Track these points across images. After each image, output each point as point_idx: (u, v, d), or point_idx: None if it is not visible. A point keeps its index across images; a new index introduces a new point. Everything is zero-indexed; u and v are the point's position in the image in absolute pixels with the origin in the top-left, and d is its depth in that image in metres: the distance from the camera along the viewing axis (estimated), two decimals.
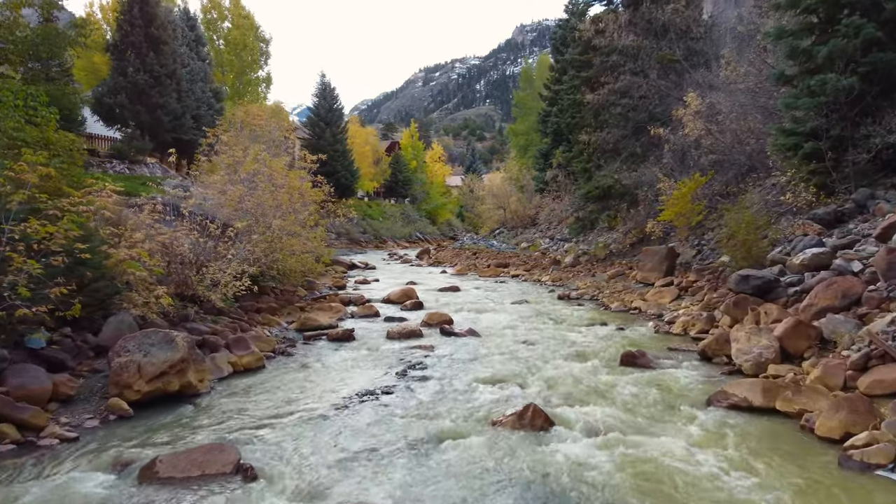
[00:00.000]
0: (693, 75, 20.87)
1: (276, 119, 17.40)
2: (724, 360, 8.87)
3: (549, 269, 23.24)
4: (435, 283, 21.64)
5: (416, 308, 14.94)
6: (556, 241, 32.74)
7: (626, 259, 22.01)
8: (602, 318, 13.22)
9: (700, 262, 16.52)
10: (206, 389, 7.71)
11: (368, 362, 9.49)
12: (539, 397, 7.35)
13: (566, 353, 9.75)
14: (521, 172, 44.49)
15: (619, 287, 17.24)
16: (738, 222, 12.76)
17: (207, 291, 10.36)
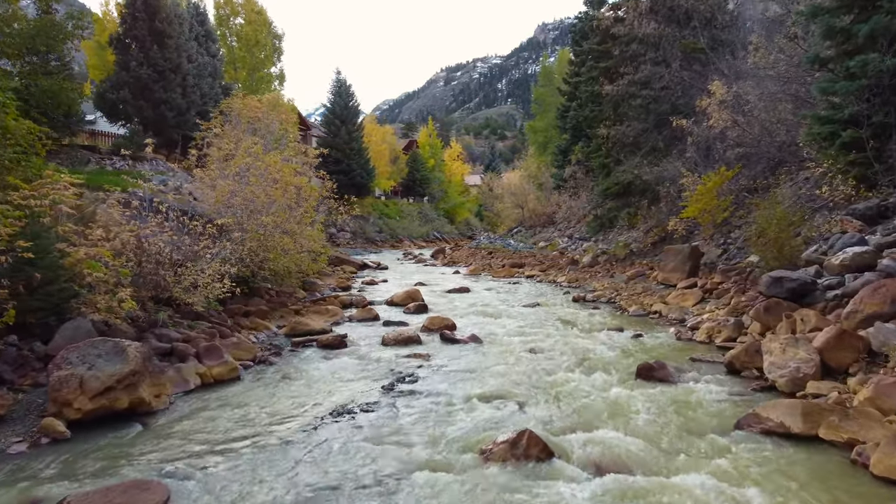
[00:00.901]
0: (718, 65, 19.70)
1: (276, 112, 16.58)
2: (755, 373, 7.80)
3: (566, 270, 22.17)
4: (446, 283, 20.69)
5: (420, 311, 14.00)
6: (574, 240, 31.63)
7: (647, 259, 20.89)
8: (618, 322, 12.16)
9: (726, 263, 15.38)
10: (164, 406, 6.82)
11: (355, 373, 8.56)
12: (539, 419, 6.36)
13: (576, 363, 8.73)
14: (539, 170, 43.37)
15: (638, 289, 16.14)
16: (769, 219, 11.65)
17: (185, 294, 9.50)
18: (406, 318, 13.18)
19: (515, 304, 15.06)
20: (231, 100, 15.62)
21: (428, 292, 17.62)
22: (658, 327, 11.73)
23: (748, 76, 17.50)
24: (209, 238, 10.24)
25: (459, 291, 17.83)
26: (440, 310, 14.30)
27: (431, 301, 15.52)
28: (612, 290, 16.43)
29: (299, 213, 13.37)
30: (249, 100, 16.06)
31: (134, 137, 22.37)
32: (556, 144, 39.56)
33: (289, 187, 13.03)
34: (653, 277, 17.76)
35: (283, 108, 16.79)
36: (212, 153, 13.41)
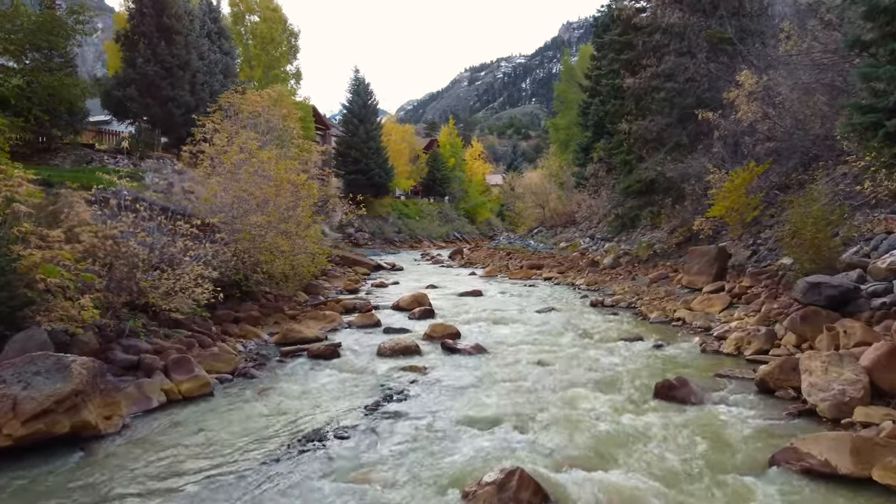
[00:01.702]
0: (747, 55, 18.57)
1: (279, 107, 15.84)
2: (791, 393, 6.83)
3: (585, 272, 21.17)
4: (459, 286, 19.83)
5: (426, 316, 13.15)
6: (596, 240, 30.56)
7: (672, 260, 19.82)
8: (638, 331, 11.20)
9: (756, 265, 14.32)
10: (114, 429, 6.04)
11: (342, 389, 7.74)
12: (537, 450, 5.48)
13: (587, 379, 7.81)
14: (561, 168, 42.27)
15: (660, 293, 15.13)
16: (804, 217, 10.61)
17: (163, 300, 8.75)
18: (410, 324, 12.33)
19: (528, 309, 14.14)
20: (230, 94, 14.88)
21: (438, 296, 16.79)
22: (681, 336, 10.74)
23: (779, 65, 16.36)
24: (190, 238, 9.47)
25: (471, 295, 16.96)
26: (448, 315, 13.46)
27: (440, 305, 14.67)
28: (633, 294, 15.43)
29: (297, 212, 12.57)
30: (250, 94, 15.33)
31: (140, 136, 21.85)
32: (578, 142, 38.47)
33: (284, 185, 12.25)
34: (676, 280, 16.74)
35: (286, 103, 16.00)
36: (205, 149, 12.68)
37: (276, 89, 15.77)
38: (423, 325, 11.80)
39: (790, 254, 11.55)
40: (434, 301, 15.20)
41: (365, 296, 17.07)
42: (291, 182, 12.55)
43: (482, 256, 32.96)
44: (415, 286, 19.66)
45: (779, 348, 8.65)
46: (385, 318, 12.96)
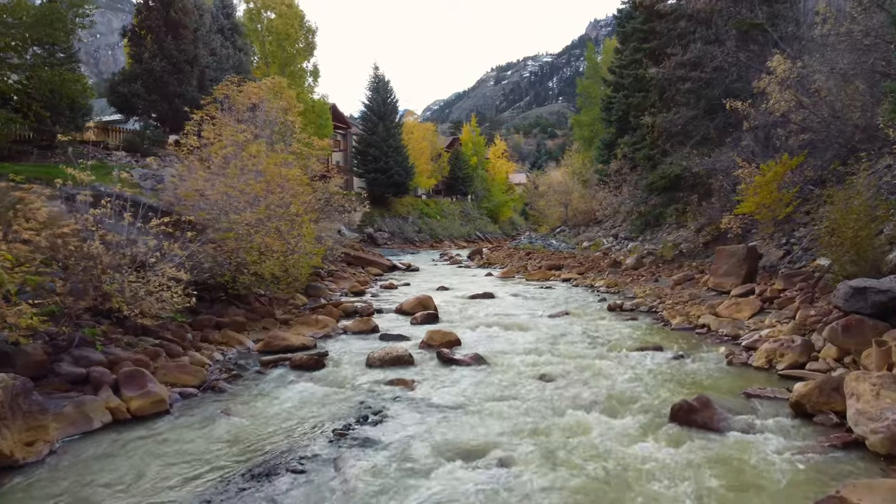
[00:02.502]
0: (780, 43, 17.32)
1: (279, 99, 15.05)
2: (833, 419, 5.79)
3: (606, 273, 20.08)
4: (472, 287, 18.90)
5: (428, 321, 12.24)
6: (620, 239, 29.40)
7: (698, 261, 18.66)
8: (657, 339, 10.16)
9: (789, 266, 13.20)
10: (36, 457, 5.23)
11: (315, 407, 6.86)
12: (526, 493, 4.53)
13: (594, 398, 6.83)
14: (584, 166, 41.05)
15: (684, 296, 14.03)
16: (845, 214, 9.49)
17: (129, 304, 7.95)
18: (410, 330, 11.42)
19: (540, 314, 13.15)
20: (224, 85, 14.11)
21: (447, 298, 15.90)
22: (705, 346, 9.67)
23: (814, 50, 15.13)
24: (164, 237, 8.67)
25: (482, 297, 16.01)
26: (453, 320, 12.54)
27: (446, 309, 13.77)
28: (655, 297, 14.35)
29: (289, 210, 11.72)
30: (248, 85, 14.54)
31: (145, 132, 21.28)
32: (601, 138, 37.26)
33: (274, 180, 11.41)
34: (702, 282, 15.61)
35: (287, 94, 15.20)
36: (191, 142, 11.91)
37: (274, 80, 14.93)
38: (422, 332, 10.85)
39: (828, 254, 10.44)
40: (441, 304, 14.31)
41: (370, 298, 16.23)
42: (284, 177, 11.72)
43: (501, 256, 31.96)
44: (426, 288, 18.78)
45: (816, 362, 7.57)
46: (385, 323, 12.09)
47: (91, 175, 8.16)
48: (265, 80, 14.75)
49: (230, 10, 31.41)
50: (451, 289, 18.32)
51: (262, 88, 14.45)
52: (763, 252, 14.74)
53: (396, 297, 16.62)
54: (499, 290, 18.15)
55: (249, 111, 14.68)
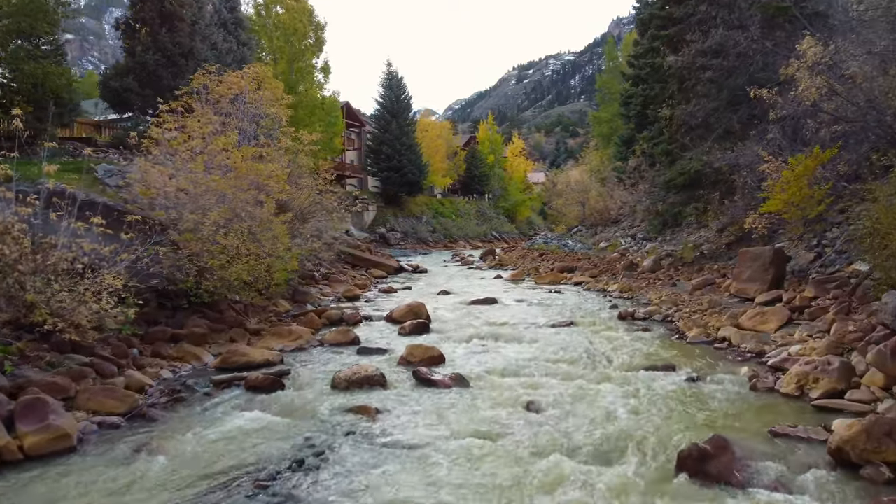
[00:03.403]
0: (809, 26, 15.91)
1: (263, 90, 13.97)
2: (886, 474, 4.55)
3: (620, 276, 18.78)
4: (476, 291, 17.76)
5: (418, 332, 11.10)
6: (638, 240, 28.00)
7: (721, 263, 17.31)
8: (670, 355, 8.94)
9: (821, 271, 11.87)
10: None
11: (254, 443, 5.76)
12: None
13: (586, 438, 5.64)
14: (602, 163, 39.62)
15: (703, 303, 12.74)
16: (890, 211, 8.17)
17: (53, 316, 6.91)
18: (395, 341, 10.30)
19: (543, 323, 11.94)
20: (201, 75, 13.06)
21: (447, 304, 14.77)
22: (725, 365, 8.40)
23: (849, 32, 13.74)
24: (102, 240, 7.62)
25: (484, 303, 14.83)
26: (446, 329, 11.40)
27: (442, 317, 12.64)
28: (671, 305, 13.06)
29: (262, 210, 10.62)
30: (228, 75, 13.48)
31: (137, 128, 20.37)
32: (619, 134, 35.84)
33: (246, 175, 10.32)
34: (724, 287, 14.31)
35: (272, 85, 14.12)
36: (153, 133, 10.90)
37: (258, 68, 13.87)
38: (407, 343, 9.73)
39: (868, 258, 9.14)
40: (438, 311, 13.21)
41: (364, 304, 15.15)
42: (258, 173, 10.64)
43: (514, 258, 30.73)
44: (428, 292, 17.67)
45: (858, 390, 6.32)
46: (370, 333, 11.01)
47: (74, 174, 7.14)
48: (247, 69, 13.67)
49: (234, 4, 30.45)
50: (453, 293, 17.17)
51: (245, 78, 13.38)
52: (791, 255, 13.42)
53: (391, 302, 15.53)
54: (504, 294, 16.97)
55: (232, 103, 13.67)
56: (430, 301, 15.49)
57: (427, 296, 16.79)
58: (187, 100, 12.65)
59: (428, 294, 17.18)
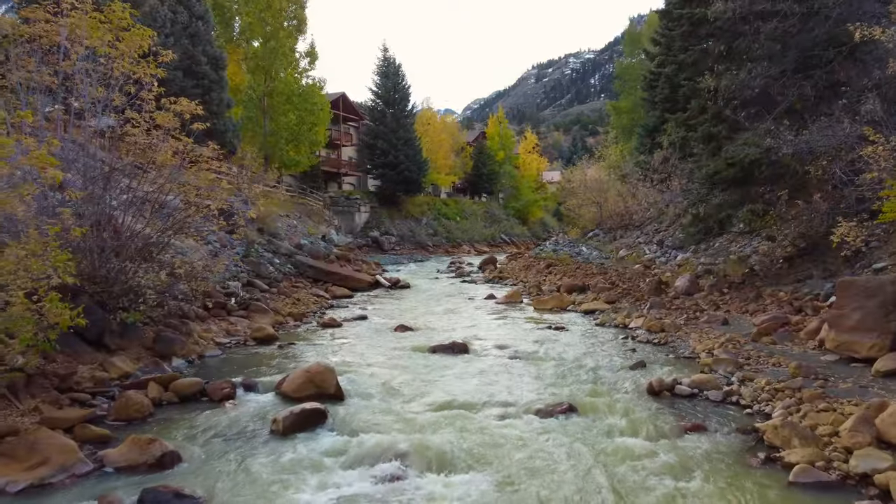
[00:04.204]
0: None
1: (123, 44, 9.45)
2: None
3: (646, 302, 13.91)
4: (450, 325, 13.15)
5: (303, 426, 6.43)
6: (665, 248, 23.11)
7: (786, 288, 12.48)
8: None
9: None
10: None
11: None
12: None
13: None
14: (622, 158, 34.63)
15: (781, 360, 8.00)
16: None
17: None
18: (251, 455, 5.63)
19: (524, 405, 7.15)
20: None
21: (394, 354, 10.19)
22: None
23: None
24: None
25: (449, 352, 10.15)
26: (355, 421, 6.75)
27: (365, 387, 7.97)
28: (731, 366, 8.21)
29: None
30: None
31: None
32: (641, 124, 30.92)
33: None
34: (806, 332, 9.51)
35: (137, 36, 9.50)
36: None
37: (116, 7, 9.26)
38: (267, 456, 5.06)
39: None
40: (366, 373, 8.62)
41: (274, 350, 10.49)
42: None
43: (517, 268, 25.94)
44: (386, 325, 13.03)
45: None
46: (220, 427, 6.44)
47: None
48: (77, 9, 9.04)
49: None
50: (415, 330, 12.46)
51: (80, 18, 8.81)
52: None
53: (319, 348, 10.88)
54: (487, 331, 12.30)
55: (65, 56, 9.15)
56: (377, 345, 10.89)
57: (378, 333, 12.14)
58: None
59: (382, 330, 12.52)
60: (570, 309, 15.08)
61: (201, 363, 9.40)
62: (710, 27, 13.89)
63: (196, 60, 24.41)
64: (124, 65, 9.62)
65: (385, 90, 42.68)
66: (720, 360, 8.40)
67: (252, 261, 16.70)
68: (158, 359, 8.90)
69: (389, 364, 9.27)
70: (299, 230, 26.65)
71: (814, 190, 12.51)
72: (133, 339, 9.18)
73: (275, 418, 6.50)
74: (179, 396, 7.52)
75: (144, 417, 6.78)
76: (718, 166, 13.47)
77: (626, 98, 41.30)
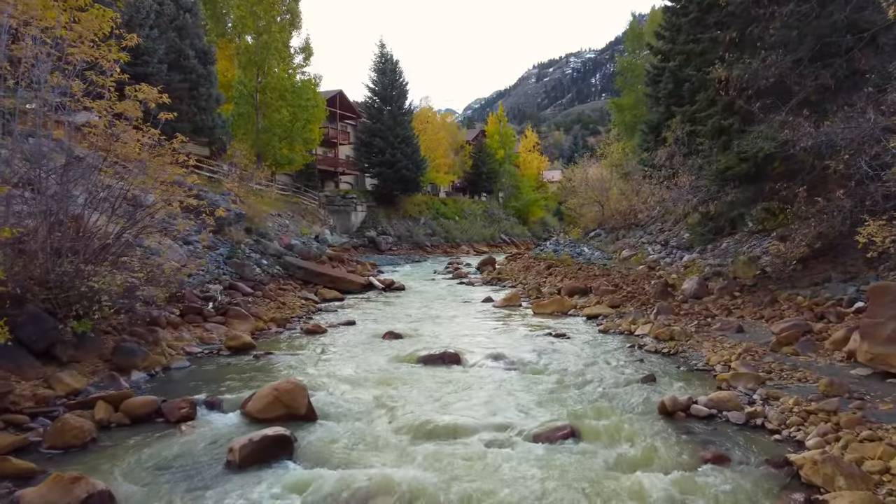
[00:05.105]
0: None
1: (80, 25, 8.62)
2: None
3: (653, 306, 13.05)
4: (446, 330, 12.29)
5: (263, 456, 5.55)
6: (670, 248, 22.21)
7: (803, 290, 11.62)
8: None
9: None
10: None
11: None
12: None
13: None
14: (624, 156, 33.72)
15: (803, 372, 7.15)
16: None
17: None
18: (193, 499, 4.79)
19: (520, 430, 6.31)
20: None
21: (379, 365, 9.32)
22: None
23: None
24: None
25: (440, 363, 9.30)
26: (324, 451, 5.92)
27: (338, 407, 7.14)
28: (753, 382, 7.34)
29: None
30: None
31: None
32: (645, 121, 30.03)
33: None
34: (830, 342, 8.66)
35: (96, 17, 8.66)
36: None
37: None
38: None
39: None
40: (351, 383, 7.78)
41: (249, 360, 9.63)
42: None
43: (517, 269, 25.04)
44: (374, 332, 12.17)
45: None
46: (172, 457, 5.54)
47: None
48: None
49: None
50: (405, 337, 11.59)
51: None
52: None
53: (300, 357, 10.02)
54: (481, 338, 11.45)
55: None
56: (361, 355, 10.04)
57: (365, 341, 11.28)
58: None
59: (369, 337, 11.65)
60: (572, 313, 14.22)
61: (165, 376, 8.54)
62: (721, 13, 13.01)
63: (183, 54, 23.58)
64: (84, 49, 8.79)
65: (382, 87, 41.77)
66: (739, 375, 7.53)
67: (236, 262, 15.84)
68: (116, 372, 8.03)
69: (372, 378, 8.40)
70: (291, 230, 25.81)
71: (833, 186, 11.64)
72: (90, 349, 8.33)
73: (231, 447, 5.64)
74: (131, 417, 6.65)
75: (85, 444, 5.92)
76: (730, 161, 12.60)
77: (628, 94, 40.39)
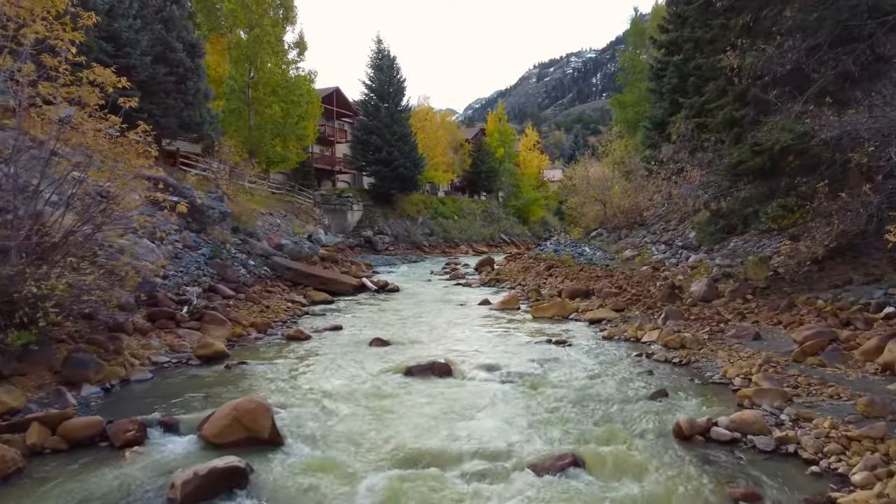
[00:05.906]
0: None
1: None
2: None
3: (660, 310, 12.19)
4: (436, 337, 11.45)
5: (200, 497, 4.70)
6: (675, 248, 21.34)
7: (819, 293, 10.80)
8: None
9: None
10: None
11: None
12: None
13: None
14: (627, 153, 32.85)
15: (835, 388, 6.33)
16: None
17: None
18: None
19: (515, 450, 5.48)
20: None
21: (360, 377, 8.49)
22: None
23: None
24: None
25: (428, 375, 8.44)
26: (280, 489, 5.00)
27: (305, 429, 6.30)
28: (778, 399, 6.49)
29: None
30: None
31: None
32: (648, 116, 29.18)
33: None
34: (861, 352, 7.83)
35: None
36: None
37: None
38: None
39: None
40: (327, 399, 6.98)
41: (221, 372, 8.78)
42: None
43: (516, 270, 24.21)
44: (362, 338, 11.32)
45: None
46: (102, 492, 4.67)
47: None
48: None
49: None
50: (394, 344, 10.75)
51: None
52: None
53: (279, 365, 9.18)
54: (476, 345, 10.61)
55: None
56: (343, 365, 9.21)
57: (350, 349, 10.43)
58: None
59: (355, 344, 10.81)
60: (573, 317, 13.37)
61: (123, 390, 7.69)
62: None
63: (170, 47, 22.74)
64: (35, 27, 7.96)
65: (379, 84, 40.89)
66: (763, 391, 6.68)
67: (219, 263, 15.00)
68: (64, 386, 7.19)
69: (352, 393, 7.56)
70: (283, 229, 24.97)
71: (855, 181, 10.79)
72: (38, 361, 7.49)
73: (173, 482, 4.79)
74: (69, 442, 5.81)
75: (7, 476, 5.09)
76: (743, 155, 11.76)
77: (630, 91, 39.52)
